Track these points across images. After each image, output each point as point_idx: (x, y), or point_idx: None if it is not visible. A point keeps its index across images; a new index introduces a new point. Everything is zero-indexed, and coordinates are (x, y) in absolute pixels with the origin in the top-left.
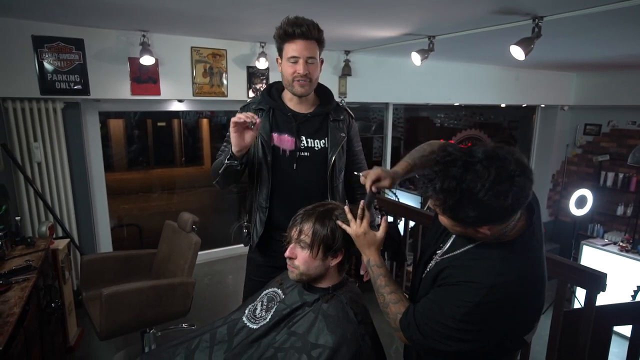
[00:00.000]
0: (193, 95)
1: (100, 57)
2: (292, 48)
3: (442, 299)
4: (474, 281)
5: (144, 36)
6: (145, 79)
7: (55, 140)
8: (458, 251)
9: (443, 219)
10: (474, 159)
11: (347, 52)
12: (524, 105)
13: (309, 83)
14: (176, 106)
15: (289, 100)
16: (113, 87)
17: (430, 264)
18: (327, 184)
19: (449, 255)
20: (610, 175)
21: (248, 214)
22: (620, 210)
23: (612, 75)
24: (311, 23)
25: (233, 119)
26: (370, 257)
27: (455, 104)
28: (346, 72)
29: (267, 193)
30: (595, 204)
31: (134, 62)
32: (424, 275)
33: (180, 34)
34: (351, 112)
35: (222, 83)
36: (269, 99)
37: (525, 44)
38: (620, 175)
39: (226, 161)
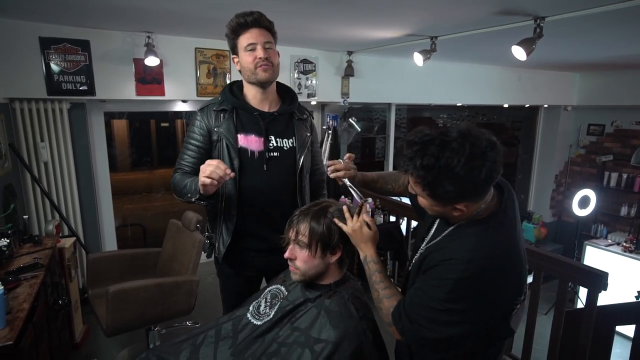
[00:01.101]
0: (197, 95)
1: (106, 58)
2: (247, 37)
3: (425, 284)
4: (451, 258)
5: (148, 37)
6: (150, 79)
7: (61, 140)
8: (438, 238)
9: (422, 200)
10: (450, 138)
11: (349, 53)
12: (526, 106)
13: (271, 67)
14: (180, 107)
15: (252, 98)
16: (118, 88)
17: (416, 256)
18: (296, 185)
19: (431, 243)
20: (614, 175)
21: (210, 223)
22: (624, 211)
23: (615, 75)
24: (261, 13)
25: (205, 180)
26: (367, 253)
27: (458, 105)
28: (349, 72)
29: (235, 199)
30: (599, 204)
31: (138, 63)
32: (410, 267)
33: (184, 35)
34: (309, 111)
35: (226, 84)
36: (232, 98)
37: (527, 44)
38: (624, 176)
39: (192, 199)
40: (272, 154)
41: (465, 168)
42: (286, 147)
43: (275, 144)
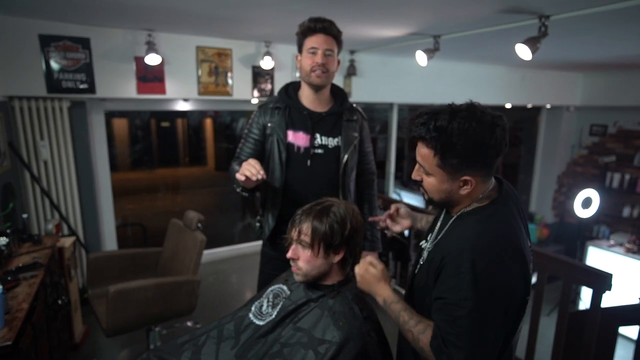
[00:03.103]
0: (198, 94)
1: (107, 56)
2: (312, 40)
3: (441, 291)
4: (454, 251)
5: (149, 35)
6: (151, 78)
7: (61, 138)
8: (443, 231)
9: (430, 181)
10: (459, 108)
11: (352, 52)
12: (529, 106)
13: (325, 74)
14: (181, 105)
15: (305, 98)
16: (119, 86)
17: (424, 255)
18: (339, 181)
19: (437, 239)
20: (617, 176)
21: (262, 208)
22: (626, 212)
23: (619, 75)
24: (331, 21)
25: (238, 176)
26: (383, 295)
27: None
28: (351, 72)
29: (280, 188)
30: (601, 205)
31: (139, 61)
32: (417, 269)
33: (185, 34)
34: (364, 114)
35: (227, 82)
36: (286, 98)
37: (532, 43)
38: (627, 177)
39: (237, 189)
40: (316, 150)
41: (477, 130)
42: (331, 145)
43: (320, 142)
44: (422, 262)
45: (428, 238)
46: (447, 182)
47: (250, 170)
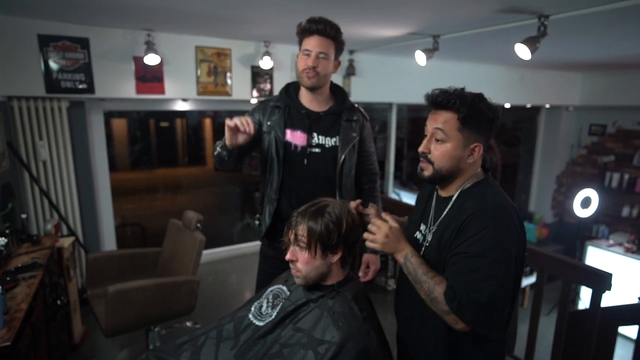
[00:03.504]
0: (197, 94)
1: (105, 56)
2: (307, 42)
3: (463, 249)
4: (474, 213)
5: (148, 35)
6: (150, 78)
7: (60, 139)
8: (446, 210)
9: (442, 148)
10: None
11: (351, 52)
12: (528, 106)
13: (315, 76)
14: (180, 105)
15: (304, 98)
16: (118, 86)
17: (427, 239)
18: (336, 181)
19: (439, 219)
20: (616, 176)
21: (260, 206)
22: (625, 212)
23: (618, 75)
24: (330, 22)
25: (228, 122)
26: (406, 250)
27: None
28: (350, 71)
29: (277, 186)
30: (600, 205)
31: (138, 61)
32: (422, 252)
33: (185, 33)
34: (366, 114)
35: (227, 82)
36: (286, 97)
37: (531, 43)
38: (626, 177)
39: (218, 148)
40: (313, 149)
41: (490, 107)
42: (328, 144)
43: (317, 141)
44: (427, 244)
45: (421, 226)
46: (461, 148)
47: (241, 121)
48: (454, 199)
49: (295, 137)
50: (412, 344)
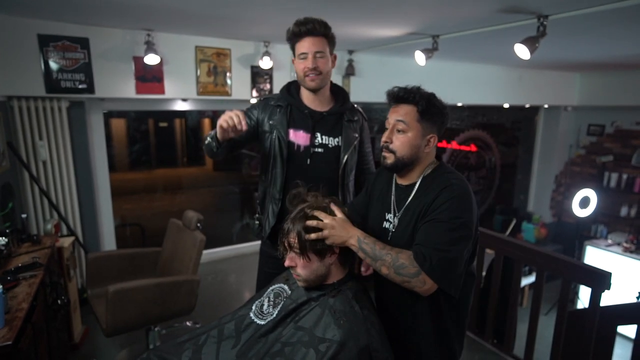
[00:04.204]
0: (197, 94)
1: (105, 56)
2: (301, 45)
3: (431, 218)
4: (442, 188)
5: (148, 35)
6: (150, 77)
7: (60, 138)
8: (412, 194)
9: (405, 137)
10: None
11: (350, 52)
12: (527, 106)
13: (319, 76)
14: (180, 105)
15: (306, 98)
16: (118, 86)
17: (394, 224)
18: (338, 181)
19: (407, 203)
20: (614, 176)
21: (260, 206)
22: (624, 211)
23: (616, 75)
24: (317, 20)
25: (220, 123)
26: (357, 234)
27: (458, 105)
28: (349, 72)
29: (280, 185)
30: (599, 204)
31: (138, 61)
32: (389, 238)
33: (184, 33)
34: (364, 115)
35: (226, 82)
36: (288, 96)
37: (530, 43)
38: (624, 176)
39: (209, 138)
40: (316, 149)
41: (443, 104)
42: (331, 145)
43: (320, 141)
44: (393, 231)
45: (387, 215)
46: (420, 138)
47: (232, 119)
48: (417, 184)
49: (298, 137)
50: (397, 305)
